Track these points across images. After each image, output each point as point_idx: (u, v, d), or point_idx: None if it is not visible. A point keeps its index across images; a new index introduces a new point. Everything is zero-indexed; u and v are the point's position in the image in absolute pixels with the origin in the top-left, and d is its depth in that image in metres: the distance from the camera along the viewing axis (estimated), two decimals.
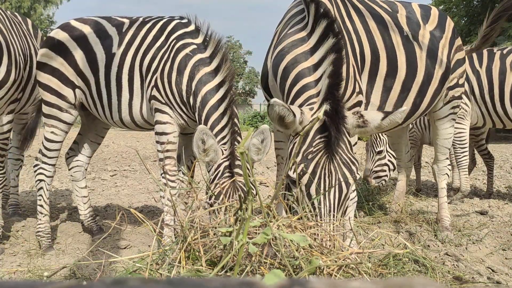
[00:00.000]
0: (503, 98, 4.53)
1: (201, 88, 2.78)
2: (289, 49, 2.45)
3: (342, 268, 1.48)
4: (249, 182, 1.32)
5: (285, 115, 2.02)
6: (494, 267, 2.66)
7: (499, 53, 4.65)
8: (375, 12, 2.97)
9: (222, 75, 2.79)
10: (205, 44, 2.89)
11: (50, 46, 3.25)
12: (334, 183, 1.99)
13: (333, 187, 1.98)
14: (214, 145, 2.51)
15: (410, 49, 3.01)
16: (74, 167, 3.67)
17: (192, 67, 2.84)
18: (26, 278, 2.45)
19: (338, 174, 2.00)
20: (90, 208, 3.64)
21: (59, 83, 3.22)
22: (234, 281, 0.45)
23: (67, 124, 3.31)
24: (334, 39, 2.26)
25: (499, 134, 15.33)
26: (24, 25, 3.85)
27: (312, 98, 2.23)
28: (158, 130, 2.95)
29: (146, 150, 10.85)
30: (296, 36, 2.47)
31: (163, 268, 1.49)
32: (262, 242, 1.37)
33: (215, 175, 2.53)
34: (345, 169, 2.02)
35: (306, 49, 2.38)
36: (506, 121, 4.64)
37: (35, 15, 30.76)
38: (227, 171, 2.52)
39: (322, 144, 2.02)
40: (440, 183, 3.60)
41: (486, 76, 4.60)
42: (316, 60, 2.33)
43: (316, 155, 2.00)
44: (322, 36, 2.32)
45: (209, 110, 2.73)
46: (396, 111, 2.12)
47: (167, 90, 2.90)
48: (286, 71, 2.41)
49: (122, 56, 3.09)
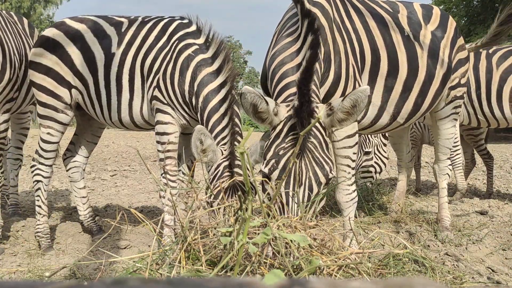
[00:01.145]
0: (489, 98, 4.53)
1: (203, 89, 2.78)
2: (279, 52, 2.46)
3: (342, 268, 1.48)
4: (249, 182, 1.32)
5: (257, 103, 2.02)
6: (494, 267, 2.66)
7: (485, 53, 4.65)
8: (375, 12, 2.97)
9: (224, 75, 2.79)
10: (207, 45, 2.89)
11: (44, 45, 3.19)
12: (304, 181, 1.98)
13: (302, 185, 1.96)
14: (212, 145, 2.51)
15: (411, 48, 3.01)
16: (72, 168, 3.65)
17: (195, 68, 2.84)
18: (26, 278, 2.45)
19: (309, 172, 1.99)
20: (89, 208, 3.63)
21: (54, 83, 3.16)
22: (234, 281, 0.45)
23: (63, 124, 3.27)
24: (312, 36, 2.25)
25: (499, 134, 15.33)
26: (20, 25, 3.83)
27: (291, 96, 2.23)
28: (159, 130, 2.94)
29: (146, 150, 10.86)
30: (288, 39, 2.48)
31: (163, 268, 1.49)
32: (262, 242, 1.37)
33: (215, 175, 2.53)
34: (317, 168, 2.01)
35: (293, 51, 2.40)
36: (492, 121, 4.63)
37: (35, 15, 30.77)
38: (227, 171, 2.52)
39: (293, 142, 2.01)
40: (441, 183, 3.60)
41: (473, 75, 4.60)
42: (299, 60, 2.34)
43: (287, 151, 2.00)
44: (305, 36, 2.33)
45: (210, 111, 2.73)
46: (356, 89, 2.05)
47: (170, 90, 2.89)
48: (274, 73, 2.43)
49: (122, 56, 3.07)
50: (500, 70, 4.51)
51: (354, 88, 2.60)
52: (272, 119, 2.10)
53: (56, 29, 3.24)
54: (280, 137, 2.06)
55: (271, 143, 2.08)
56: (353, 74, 2.61)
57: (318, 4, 2.62)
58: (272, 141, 2.08)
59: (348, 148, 2.64)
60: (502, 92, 4.47)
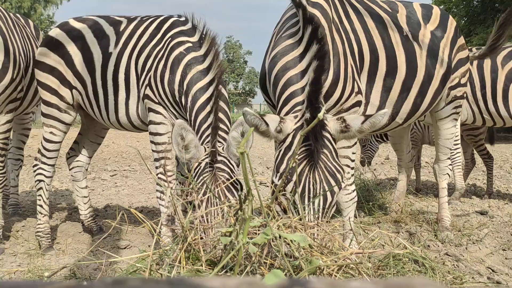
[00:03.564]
0: (495, 97, 4.52)
1: (192, 87, 2.73)
2: (281, 55, 2.45)
3: (342, 268, 1.48)
4: (249, 182, 1.32)
5: (257, 124, 2.04)
6: (494, 267, 2.66)
7: None
8: (374, 12, 2.97)
9: (213, 73, 2.73)
10: (201, 42, 2.85)
11: (49, 45, 3.24)
12: (319, 191, 1.99)
13: (318, 196, 1.98)
14: (194, 140, 2.41)
15: (410, 48, 3.01)
16: (75, 167, 3.67)
17: (185, 66, 2.78)
18: (26, 278, 2.45)
19: (323, 183, 2.00)
20: (90, 208, 3.64)
21: (58, 83, 3.20)
22: (234, 281, 0.45)
23: (66, 124, 3.29)
24: (317, 45, 2.26)
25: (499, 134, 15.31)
26: (28, 28, 3.88)
27: (298, 105, 2.24)
28: (152, 130, 2.92)
29: (146, 150, 10.84)
30: (288, 41, 2.47)
31: (163, 268, 1.49)
32: (262, 242, 1.37)
33: (196, 172, 2.41)
34: (330, 177, 2.02)
35: (296, 55, 2.40)
36: (497, 119, 4.62)
37: (35, 15, 30.77)
38: (208, 167, 2.41)
39: (306, 153, 2.02)
40: (441, 183, 3.60)
41: (477, 75, 4.59)
42: (304, 67, 2.34)
43: (300, 163, 2.01)
44: (309, 42, 2.33)
45: (197, 109, 2.67)
46: (377, 113, 2.08)
47: (160, 89, 2.85)
48: (277, 78, 2.42)
49: (119, 55, 3.05)
50: (505, 69, 4.49)
51: (353, 88, 2.60)
52: (275, 136, 2.11)
53: (60, 29, 3.28)
54: (291, 149, 2.07)
55: (282, 155, 2.09)
56: (351, 74, 2.61)
57: (318, 5, 2.62)
58: (283, 153, 2.09)
59: (347, 148, 2.65)
60: (508, 91, 4.46)
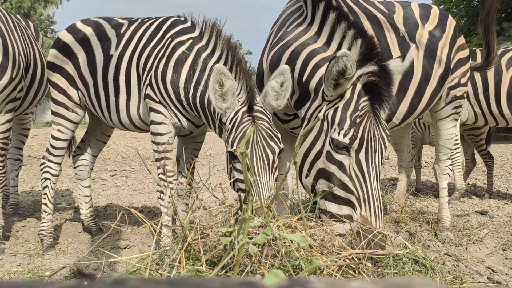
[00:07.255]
0: (499, 99, 4.51)
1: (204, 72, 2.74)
2: (294, 40, 2.45)
3: (342, 268, 1.48)
4: (249, 182, 1.32)
5: (349, 67, 1.96)
6: (494, 267, 2.66)
7: None
8: (369, 13, 2.95)
9: (219, 49, 2.75)
10: (202, 34, 2.87)
11: (58, 47, 3.37)
12: (377, 147, 2.04)
13: (376, 152, 2.03)
14: (233, 87, 2.31)
15: (406, 49, 2.99)
16: (80, 165, 3.71)
17: (191, 65, 2.80)
18: (26, 278, 2.45)
19: (379, 139, 2.06)
20: (91, 208, 3.65)
21: (66, 83, 3.32)
22: (234, 281, 0.45)
23: (73, 123, 3.39)
24: (335, 12, 2.27)
25: (499, 134, 15.32)
26: (29, 30, 3.91)
27: None
28: (153, 130, 2.93)
29: (146, 150, 10.85)
30: (298, 29, 2.48)
31: (163, 268, 1.49)
32: (262, 242, 1.37)
33: (233, 122, 2.33)
34: (383, 132, 2.08)
35: (312, 34, 2.40)
36: (500, 120, 4.62)
37: (35, 15, 30.79)
38: (246, 116, 2.33)
39: (367, 108, 2.05)
40: (441, 183, 3.59)
41: (480, 76, 4.57)
42: (325, 40, 2.35)
43: (363, 119, 2.03)
44: (323, 17, 2.33)
45: None
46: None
47: (161, 88, 2.86)
48: (294, 54, 2.40)
49: (120, 57, 3.09)
50: (510, 71, 4.47)
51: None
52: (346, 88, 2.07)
53: (68, 32, 3.39)
54: (350, 105, 2.06)
55: (342, 111, 2.07)
56: None
57: None
58: (343, 109, 2.07)
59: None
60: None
